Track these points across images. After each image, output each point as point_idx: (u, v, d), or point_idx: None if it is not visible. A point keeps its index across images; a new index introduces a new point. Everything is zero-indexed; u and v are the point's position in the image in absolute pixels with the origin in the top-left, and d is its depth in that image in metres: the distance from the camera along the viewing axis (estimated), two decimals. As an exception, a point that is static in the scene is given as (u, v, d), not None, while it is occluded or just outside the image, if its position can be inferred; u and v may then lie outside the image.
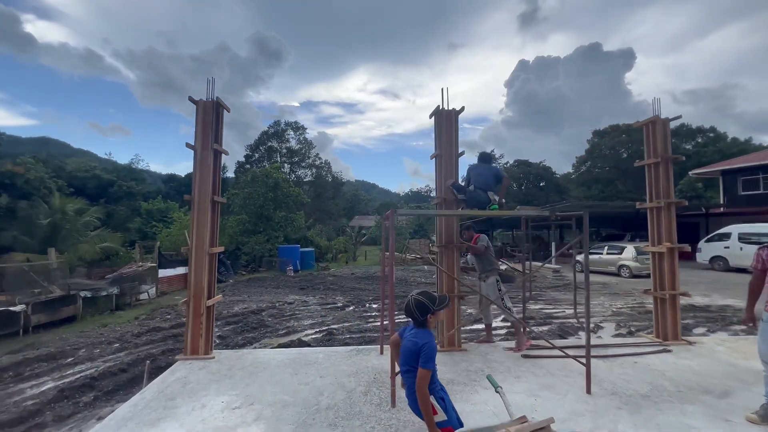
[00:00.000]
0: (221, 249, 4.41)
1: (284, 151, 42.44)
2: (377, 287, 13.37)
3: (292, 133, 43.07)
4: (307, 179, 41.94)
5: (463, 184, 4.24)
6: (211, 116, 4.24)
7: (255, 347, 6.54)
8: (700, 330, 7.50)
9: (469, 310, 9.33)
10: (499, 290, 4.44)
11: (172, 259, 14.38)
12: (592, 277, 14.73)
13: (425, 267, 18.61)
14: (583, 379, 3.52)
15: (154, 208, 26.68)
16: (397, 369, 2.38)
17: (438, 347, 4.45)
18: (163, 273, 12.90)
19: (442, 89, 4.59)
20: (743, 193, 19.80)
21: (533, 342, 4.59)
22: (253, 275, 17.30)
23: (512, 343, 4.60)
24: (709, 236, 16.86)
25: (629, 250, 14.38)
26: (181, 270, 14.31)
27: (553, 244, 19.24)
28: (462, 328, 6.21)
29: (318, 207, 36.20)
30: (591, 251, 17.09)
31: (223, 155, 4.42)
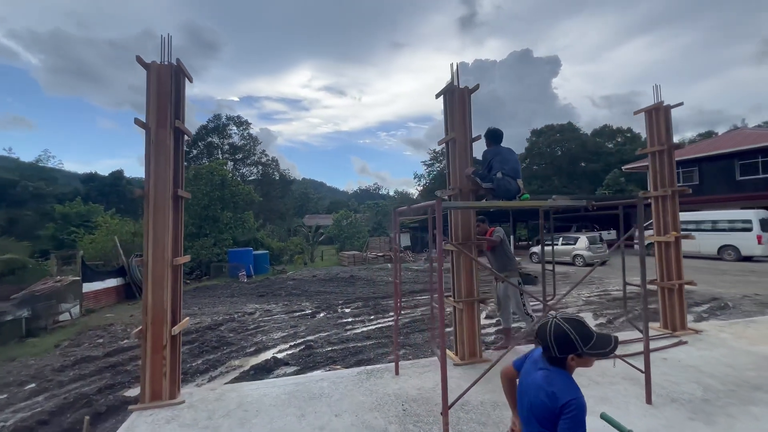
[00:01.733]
0: (187, 259, 3.41)
1: (226, 147, 39.33)
2: (345, 289, 12.56)
3: (234, 128, 40.06)
4: (252, 177, 39.28)
5: (481, 171, 3.71)
6: (168, 85, 3.21)
7: (222, 373, 5.47)
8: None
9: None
10: (521, 294, 4.00)
11: (100, 270, 12.23)
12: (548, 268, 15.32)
13: (389, 265, 18.12)
14: (632, 386, 3.18)
15: (72, 212, 22.94)
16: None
17: (455, 357, 3.90)
18: (88, 287, 10.84)
19: (451, 64, 4.02)
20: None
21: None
22: (201, 283, 15.48)
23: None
24: (646, 224, 18.47)
25: (582, 241, 15.18)
26: (112, 282, 12.24)
27: (511, 237, 19.85)
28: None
29: (266, 207, 34.04)
30: (546, 242, 17.92)
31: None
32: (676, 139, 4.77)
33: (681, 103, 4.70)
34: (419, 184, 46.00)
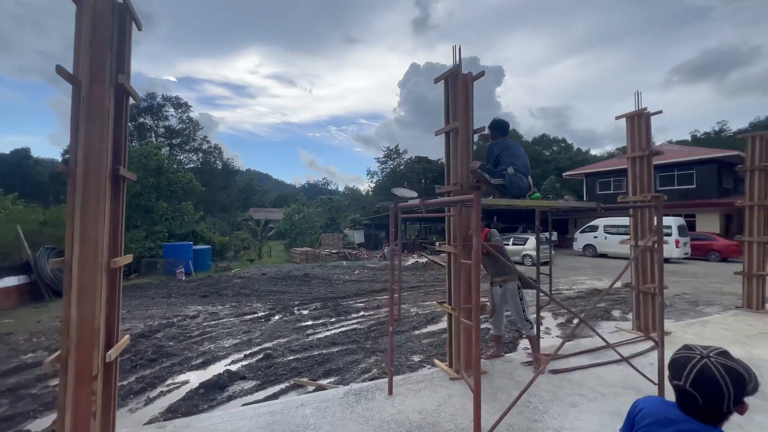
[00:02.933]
0: (128, 259, 2.61)
1: (161, 130, 35.47)
2: (300, 289, 11.75)
3: (172, 110, 36.23)
4: (191, 165, 35.87)
5: (487, 166, 3.37)
6: (109, 28, 2.39)
7: (163, 393, 4.57)
8: (617, 313, 8.34)
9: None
10: (521, 299, 3.75)
11: (-5, 267, 10.12)
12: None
13: (344, 263, 17.50)
14: (638, 396, 3.04)
15: (-44, 195, 18.94)
16: None
17: (449, 370, 3.54)
18: (-22, 288, 8.88)
19: (454, 47, 3.63)
20: (600, 192, 24.18)
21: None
22: (129, 282, 13.62)
23: (525, 355, 4.00)
24: (582, 228, 20.01)
25: (531, 241, 15.91)
26: (11, 280, 10.20)
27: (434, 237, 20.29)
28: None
29: (207, 197, 31.27)
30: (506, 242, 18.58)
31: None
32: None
33: (660, 111, 4.81)
34: (372, 181, 45.72)
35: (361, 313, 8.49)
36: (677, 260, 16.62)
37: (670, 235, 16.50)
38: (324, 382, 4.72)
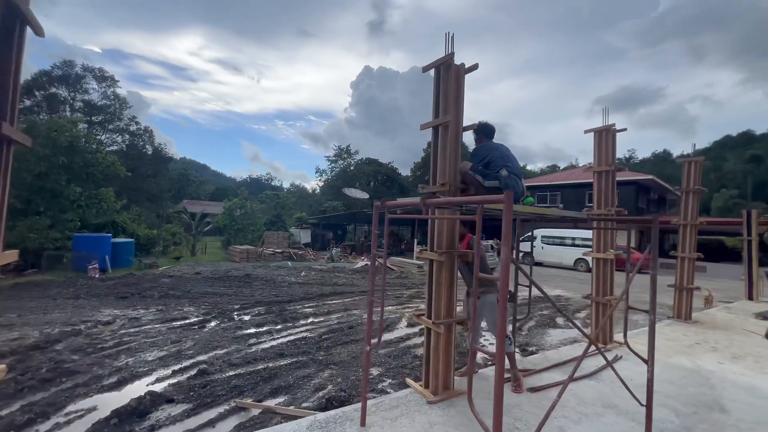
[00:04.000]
0: (12, 257, 1.84)
1: (79, 104, 30.88)
2: (240, 291, 10.67)
3: (94, 83, 31.72)
4: (114, 147, 31.69)
5: (479, 168, 3.09)
6: None
7: (58, 426, 3.58)
8: (561, 320, 8.70)
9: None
10: (501, 312, 3.50)
11: None
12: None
13: (289, 263, 16.49)
14: (618, 416, 2.93)
15: None
16: None
17: (426, 392, 3.17)
18: None
19: (446, 34, 3.30)
20: (537, 204, 25.94)
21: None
22: (24, 278, 11.38)
23: (491, 369, 3.77)
24: (523, 237, 21.19)
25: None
26: None
27: (414, 240, 20.33)
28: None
29: (132, 184, 27.77)
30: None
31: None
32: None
33: (625, 129, 4.97)
34: (320, 179, 44.49)
35: (311, 319, 7.85)
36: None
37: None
38: (272, 403, 4.08)
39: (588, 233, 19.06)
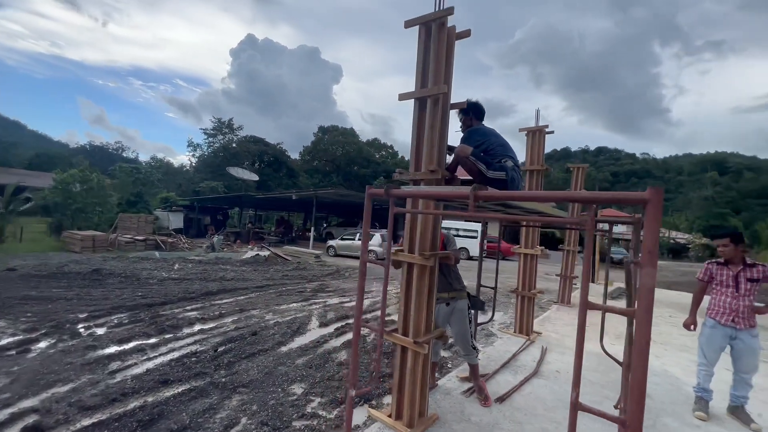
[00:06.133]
0: None
1: None
2: (87, 293, 7.98)
3: None
4: None
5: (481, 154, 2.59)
6: None
7: None
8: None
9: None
10: (470, 322, 3.14)
11: None
12: (349, 262, 15.62)
13: (156, 254, 13.44)
14: (589, 419, 2.91)
15: None
16: None
17: (398, 425, 2.57)
18: None
19: (437, -13, 2.67)
20: (424, 197, 27.70)
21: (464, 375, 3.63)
22: None
23: (463, 383, 3.44)
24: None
25: (377, 238, 16.40)
26: None
27: (305, 227, 19.11)
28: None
29: None
30: (345, 237, 18.35)
31: None
32: None
33: (552, 132, 5.23)
34: (194, 155, 38.34)
35: (198, 326, 6.28)
36: (476, 258, 20.57)
37: (476, 237, 20.31)
38: (165, 463, 2.88)
39: (470, 225, 21.26)
